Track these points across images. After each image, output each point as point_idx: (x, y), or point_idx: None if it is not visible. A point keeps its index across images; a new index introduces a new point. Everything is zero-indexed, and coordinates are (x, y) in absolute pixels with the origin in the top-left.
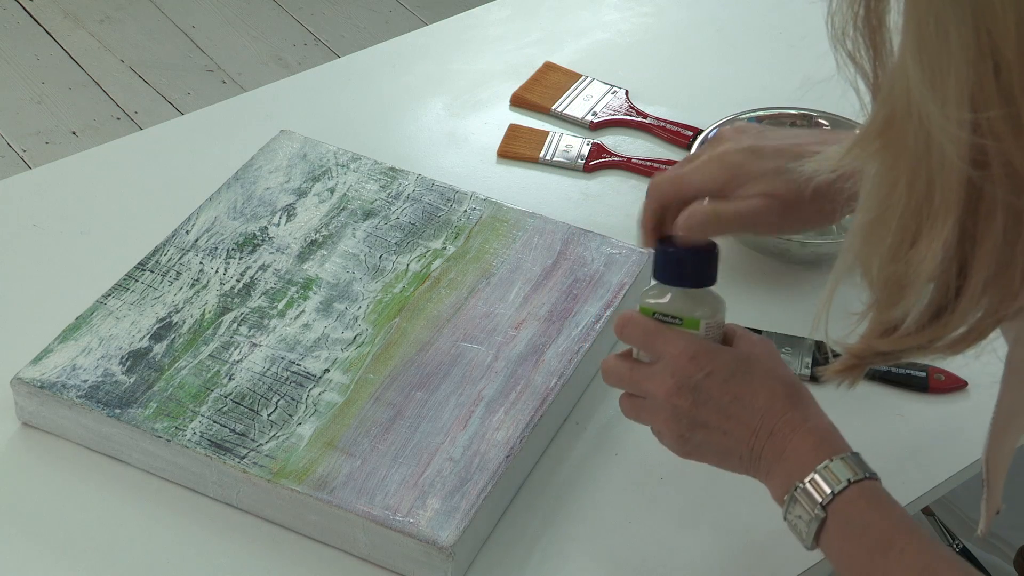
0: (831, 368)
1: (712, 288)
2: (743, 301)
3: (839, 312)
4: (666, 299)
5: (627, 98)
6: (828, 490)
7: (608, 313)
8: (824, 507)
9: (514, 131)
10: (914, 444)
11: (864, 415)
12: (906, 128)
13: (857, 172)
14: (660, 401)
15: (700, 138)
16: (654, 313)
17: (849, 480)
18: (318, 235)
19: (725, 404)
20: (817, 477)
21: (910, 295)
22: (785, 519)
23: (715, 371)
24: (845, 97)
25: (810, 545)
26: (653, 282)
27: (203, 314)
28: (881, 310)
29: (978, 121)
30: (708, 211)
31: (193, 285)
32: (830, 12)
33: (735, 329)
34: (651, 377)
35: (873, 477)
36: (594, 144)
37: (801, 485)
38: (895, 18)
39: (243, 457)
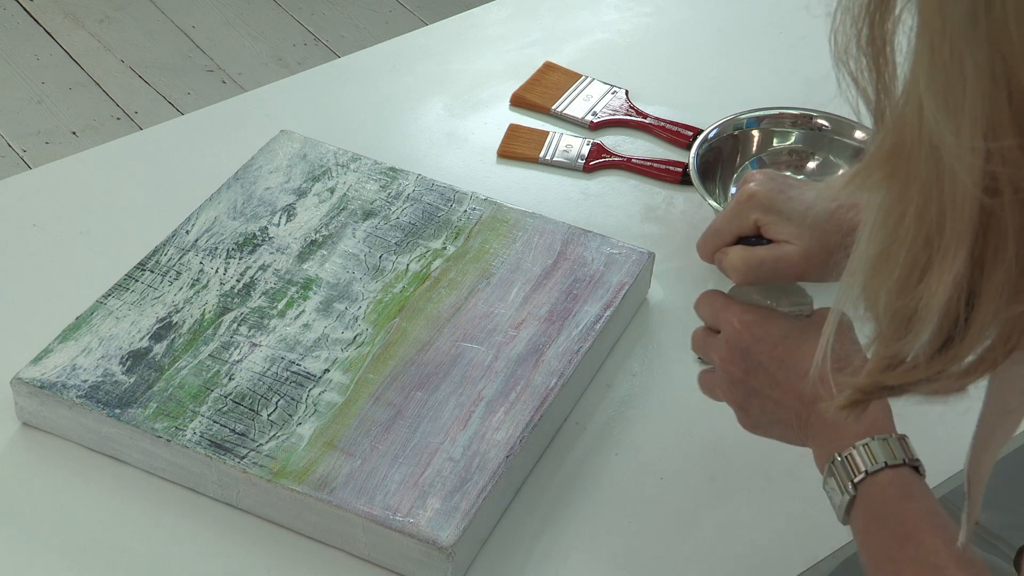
0: (835, 403)
1: (798, 284)
2: None
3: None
4: (745, 292)
5: (627, 98)
6: (862, 468)
7: (608, 313)
8: (856, 485)
9: (514, 131)
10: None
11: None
12: (917, 156)
13: (859, 203)
14: (719, 371)
15: (700, 138)
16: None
17: (885, 463)
18: (318, 235)
19: (773, 370)
20: (855, 453)
21: (918, 328)
22: (824, 487)
23: (765, 337)
24: (845, 97)
25: (841, 519)
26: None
27: (203, 314)
28: (887, 344)
29: (991, 149)
30: (737, 261)
31: (193, 285)
32: (832, 29)
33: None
34: (714, 346)
35: (914, 463)
36: (594, 144)
37: (839, 458)
38: (901, 40)
39: (243, 457)
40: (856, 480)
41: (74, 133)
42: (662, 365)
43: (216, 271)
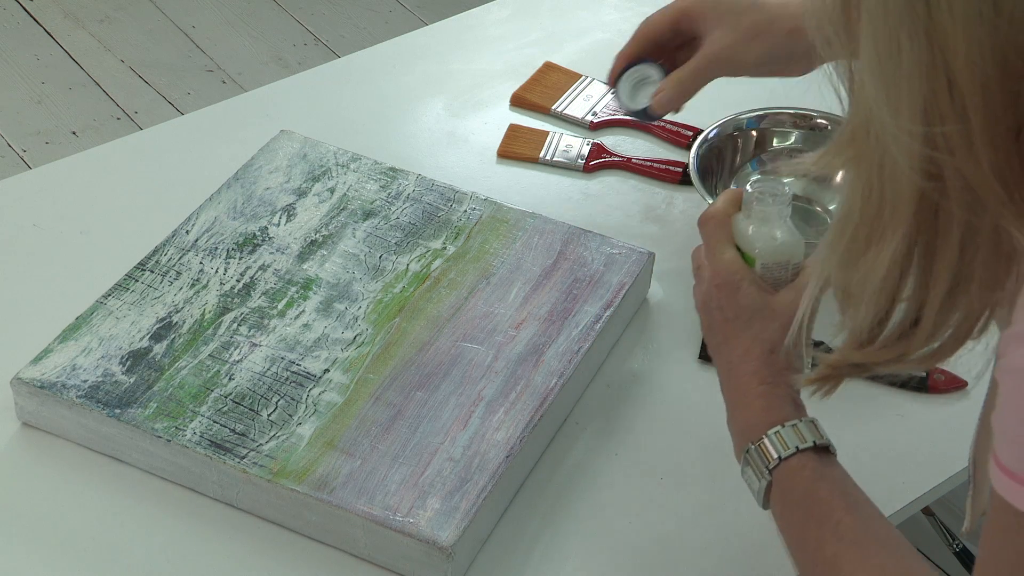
0: (808, 377)
1: (792, 229)
2: None
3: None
4: (738, 227)
5: None
6: (775, 455)
7: (608, 313)
8: (770, 471)
9: (514, 131)
10: (914, 444)
11: (864, 415)
12: (864, 136)
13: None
14: (698, 303)
15: (700, 138)
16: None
17: (796, 447)
18: (318, 235)
19: (719, 341)
20: (767, 441)
21: (863, 303)
22: (742, 477)
23: (724, 307)
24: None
25: (761, 504)
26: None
27: (203, 314)
28: (843, 318)
29: (932, 135)
30: (672, 84)
31: (193, 285)
32: (805, 9)
33: (800, 280)
34: (700, 283)
35: (825, 446)
36: (594, 144)
37: (752, 447)
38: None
39: (243, 457)
40: (770, 467)
41: (74, 133)
42: (662, 365)
43: (216, 271)
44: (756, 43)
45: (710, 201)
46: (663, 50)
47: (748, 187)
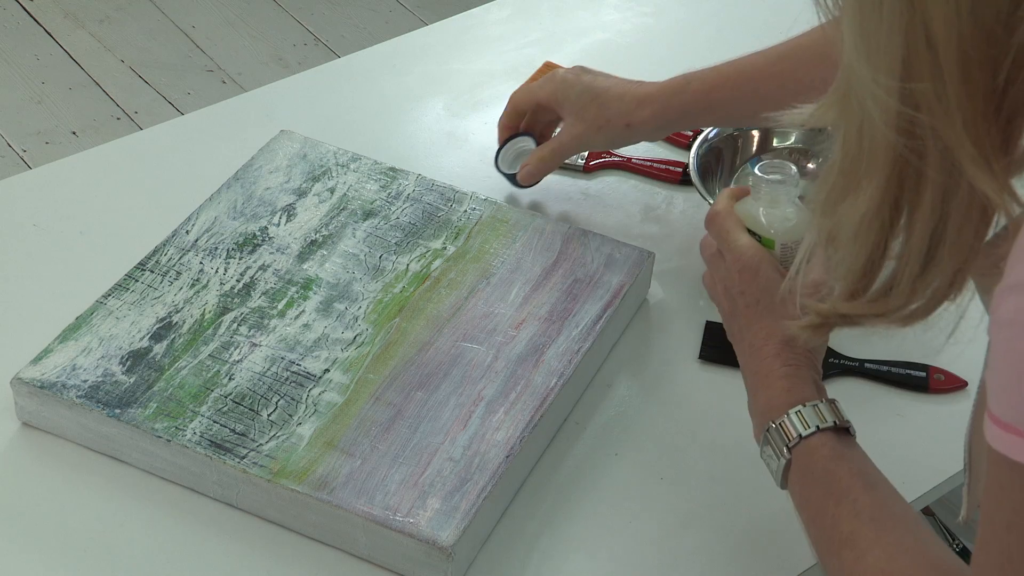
0: (799, 323)
1: (800, 206)
2: None
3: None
4: (748, 211)
5: None
6: (795, 434)
7: (608, 313)
8: (790, 449)
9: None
10: (914, 444)
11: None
12: (848, 92)
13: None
14: (718, 292)
15: (700, 138)
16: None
17: (817, 427)
18: (318, 235)
19: (742, 325)
20: (787, 420)
21: (843, 250)
22: (761, 456)
23: (747, 292)
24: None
25: (779, 483)
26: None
27: (203, 314)
28: (832, 267)
29: (907, 91)
30: (535, 161)
31: (193, 285)
32: None
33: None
34: (717, 269)
35: (844, 425)
36: None
37: (773, 425)
38: None
39: (243, 457)
40: (790, 445)
41: (74, 133)
42: (662, 365)
43: (216, 271)
44: (600, 134)
45: (711, 201)
46: (535, 123)
47: (755, 171)
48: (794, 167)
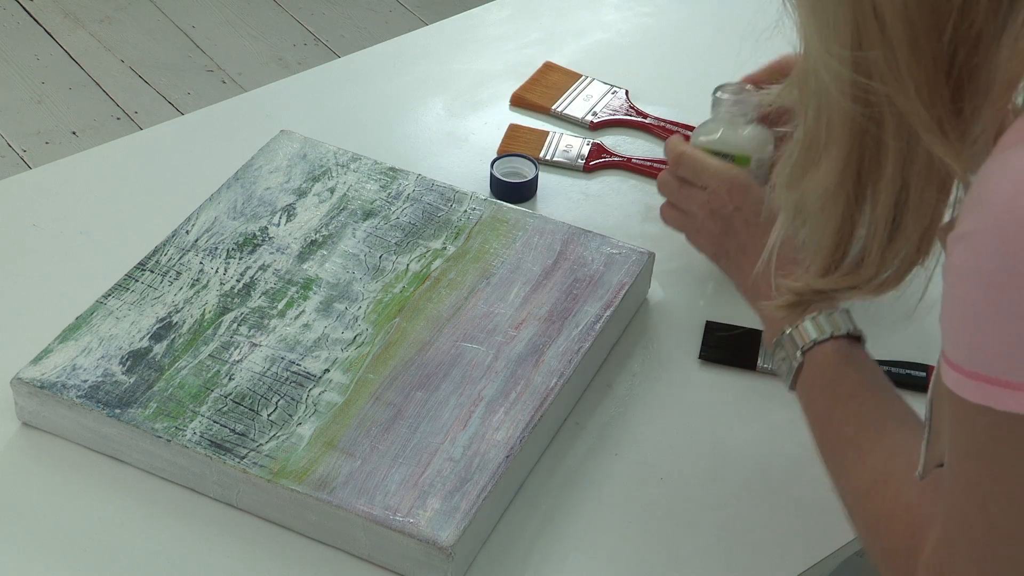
0: (774, 303)
1: (760, 125)
2: (743, 301)
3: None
4: (718, 135)
5: (627, 98)
6: (810, 339)
7: (608, 313)
8: (803, 353)
9: (514, 131)
10: None
11: None
12: (806, 66)
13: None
14: (698, 219)
15: None
16: (711, 154)
17: (831, 334)
18: (318, 235)
19: (743, 242)
20: (803, 326)
21: (811, 223)
22: (772, 363)
23: (743, 208)
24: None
25: (788, 386)
26: (705, 121)
27: (203, 314)
28: (803, 243)
29: (859, 60)
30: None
31: (193, 285)
32: None
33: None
34: (694, 198)
35: (857, 335)
36: (594, 144)
37: (788, 330)
38: None
39: (243, 457)
40: (804, 348)
41: (74, 133)
42: (662, 365)
43: (216, 271)
44: None
45: None
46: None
47: (717, 94)
48: (752, 88)
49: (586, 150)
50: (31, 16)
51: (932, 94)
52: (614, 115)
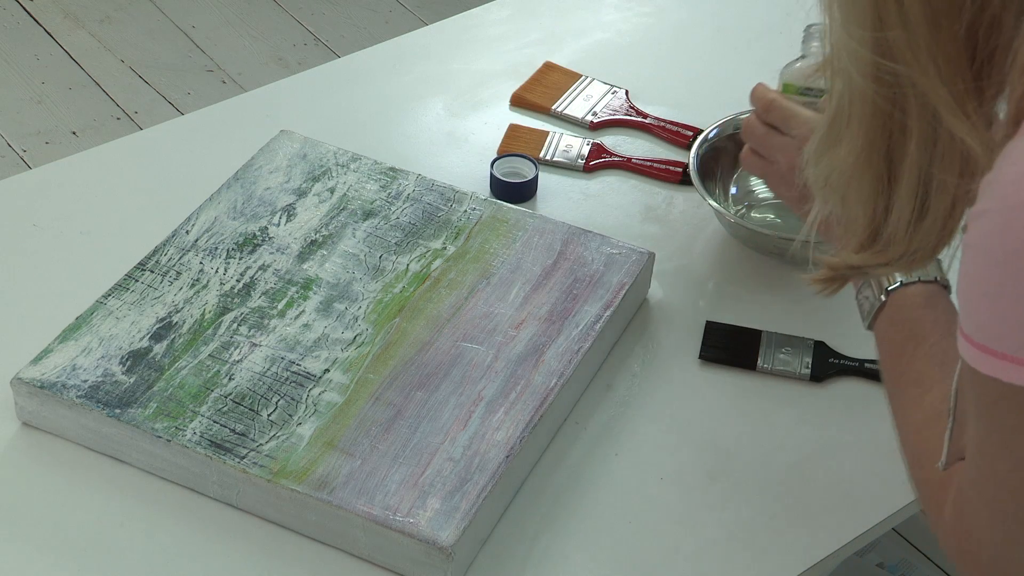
0: (813, 276)
1: None
2: (743, 301)
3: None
4: (807, 69)
5: (627, 98)
6: (896, 281)
7: (608, 313)
8: (887, 293)
9: (514, 131)
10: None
11: (864, 415)
12: (831, 48)
13: None
14: (782, 167)
15: (700, 138)
16: (799, 91)
17: (919, 278)
18: (318, 235)
19: None
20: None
21: (842, 203)
22: (856, 298)
23: None
24: None
25: (867, 324)
26: (793, 60)
27: (203, 314)
28: (838, 220)
29: (880, 41)
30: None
31: (193, 285)
32: None
33: None
34: (782, 148)
35: (944, 283)
36: (594, 144)
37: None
38: None
39: (243, 457)
40: (889, 289)
41: (74, 133)
42: (662, 365)
43: (216, 271)
44: None
45: (710, 202)
46: None
47: (809, 29)
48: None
49: (586, 150)
50: (31, 16)
51: (954, 75)
52: (614, 115)
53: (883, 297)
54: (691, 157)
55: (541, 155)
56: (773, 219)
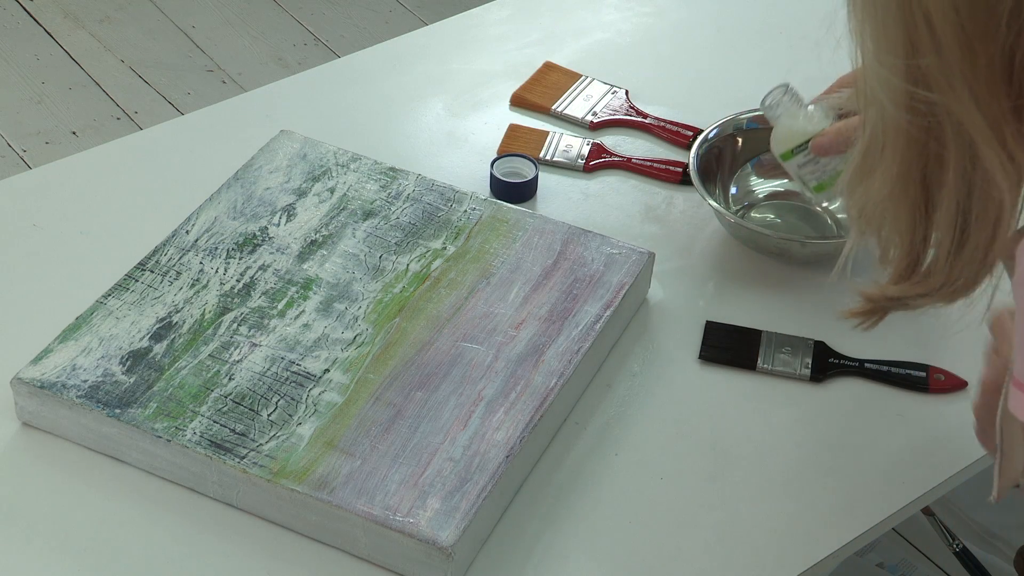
0: (851, 309)
1: (816, 104)
2: (743, 301)
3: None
4: (789, 129)
5: (627, 98)
6: None
7: (608, 313)
8: None
9: (514, 131)
10: (914, 444)
11: (864, 415)
12: (863, 76)
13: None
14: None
15: (700, 138)
16: (792, 152)
17: None
18: (318, 235)
19: None
20: None
21: (869, 229)
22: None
23: None
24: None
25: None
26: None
27: (203, 314)
28: (878, 252)
29: (912, 69)
30: (832, 133)
31: (193, 285)
32: None
33: None
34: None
35: None
36: (594, 144)
37: None
38: None
39: (243, 457)
40: None
41: (74, 133)
42: (662, 365)
43: (216, 271)
44: None
45: (710, 202)
46: None
47: (766, 104)
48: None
49: (586, 150)
50: (31, 16)
51: (990, 100)
52: (614, 115)
53: None
54: (691, 157)
55: (541, 155)
56: (773, 219)
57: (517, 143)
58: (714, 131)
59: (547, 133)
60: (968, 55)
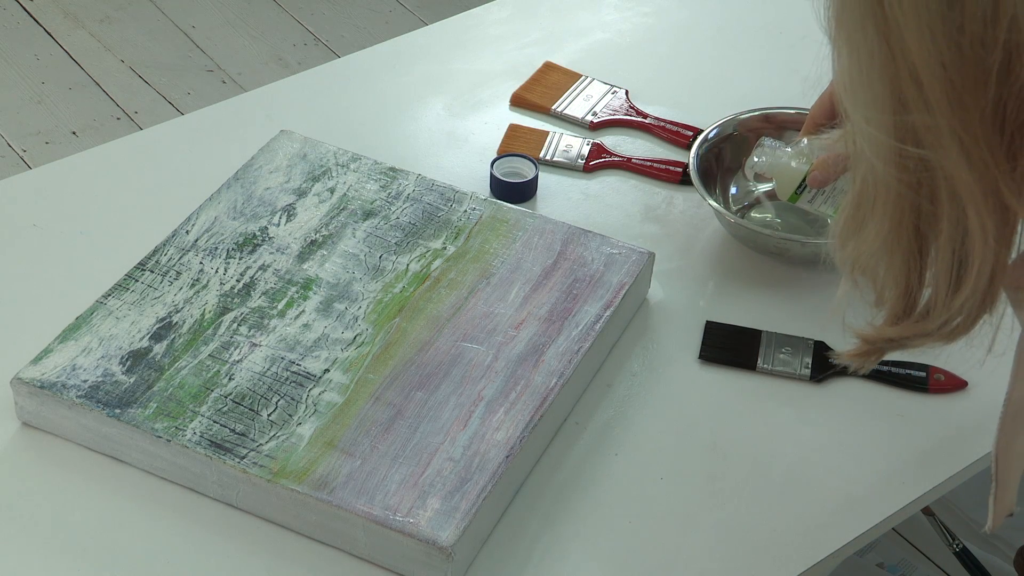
0: (846, 351)
1: (796, 144)
2: (743, 301)
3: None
4: (782, 165)
5: (627, 98)
6: None
7: (608, 313)
8: None
9: (514, 131)
10: (914, 444)
11: (864, 415)
12: (849, 128)
13: None
14: None
15: (700, 138)
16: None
17: None
18: (318, 235)
19: None
20: None
21: (863, 278)
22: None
23: None
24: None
25: None
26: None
27: (203, 314)
28: (874, 295)
29: (900, 126)
30: (820, 166)
31: (193, 285)
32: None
33: None
34: None
35: None
36: (594, 144)
37: None
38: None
39: (243, 457)
40: None
41: (74, 133)
42: (662, 365)
43: (216, 271)
44: None
45: (710, 202)
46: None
47: (753, 162)
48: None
49: (586, 150)
50: (31, 16)
51: (982, 152)
52: (614, 115)
53: None
54: (691, 157)
55: (541, 155)
56: (773, 219)
57: (517, 143)
58: (714, 131)
59: (547, 133)
60: (959, 111)
